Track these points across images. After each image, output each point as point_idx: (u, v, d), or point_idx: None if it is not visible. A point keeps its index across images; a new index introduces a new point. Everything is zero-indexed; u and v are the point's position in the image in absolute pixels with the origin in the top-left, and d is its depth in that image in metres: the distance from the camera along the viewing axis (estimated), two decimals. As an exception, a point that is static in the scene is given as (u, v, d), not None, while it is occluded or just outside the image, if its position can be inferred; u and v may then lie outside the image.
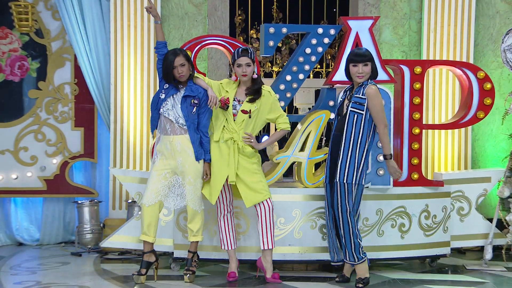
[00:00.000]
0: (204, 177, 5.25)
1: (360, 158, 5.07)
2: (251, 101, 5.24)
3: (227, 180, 5.23)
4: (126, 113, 6.76)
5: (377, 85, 5.18)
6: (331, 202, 5.21)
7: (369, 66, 5.09)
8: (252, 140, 5.25)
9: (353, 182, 5.06)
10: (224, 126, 5.26)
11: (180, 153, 5.19)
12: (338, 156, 5.10)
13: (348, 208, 5.05)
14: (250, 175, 5.24)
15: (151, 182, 5.24)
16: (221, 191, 5.25)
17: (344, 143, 5.08)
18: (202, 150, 5.23)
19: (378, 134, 5.15)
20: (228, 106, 5.23)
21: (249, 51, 5.24)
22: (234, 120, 5.24)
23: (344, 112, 5.13)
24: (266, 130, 9.22)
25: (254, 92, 5.25)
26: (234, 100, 5.28)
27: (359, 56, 5.09)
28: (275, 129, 5.44)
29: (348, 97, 5.16)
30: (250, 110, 5.22)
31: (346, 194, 5.06)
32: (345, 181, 5.05)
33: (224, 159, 5.23)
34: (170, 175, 5.26)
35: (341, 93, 5.32)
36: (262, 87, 5.26)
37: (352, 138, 5.07)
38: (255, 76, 5.27)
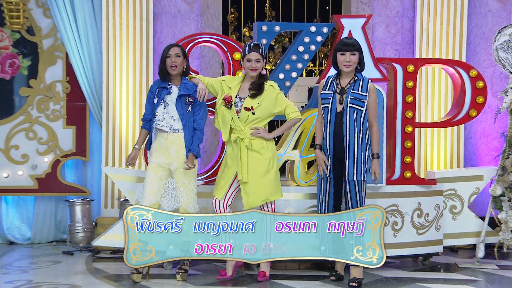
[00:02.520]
0: (187, 168, 5.18)
1: (365, 154, 5.10)
2: (253, 96, 5.18)
3: (235, 177, 5.22)
4: (118, 111, 6.73)
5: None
6: (334, 202, 5.19)
7: (357, 56, 5.10)
8: (260, 132, 5.19)
9: (362, 179, 5.09)
10: (231, 125, 5.22)
11: (175, 155, 5.17)
12: (343, 155, 5.10)
13: (360, 206, 5.11)
14: (259, 178, 5.15)
15: (148, 183, 5.22)
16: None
17: (349, 141, 5.07)
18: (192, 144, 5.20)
19: (371, 132, 5.15)
20: (232, 104, 5.19)
21: (260, 46, 5.20)
22: (238, 117, 5.21)
23: (341, 108, 5.11)
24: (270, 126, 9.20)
25: (257, 87, 5.19)
26: (236, 97, 5.24)
27: (347, 46, 5.10)
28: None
29: (339, 91, 5.14)
30: (252, 107, 5.18)
31: (357, 191, 5.09)
32: (355, 179, 5.07)
33: (235, 159, 5.20)
34: (165, 177, 5.24)
35: (323, 82, 5.22)
36: (265, 83, 5.21)
37: (355, 135, 5.07)
38: (264, 72, 5.24)
